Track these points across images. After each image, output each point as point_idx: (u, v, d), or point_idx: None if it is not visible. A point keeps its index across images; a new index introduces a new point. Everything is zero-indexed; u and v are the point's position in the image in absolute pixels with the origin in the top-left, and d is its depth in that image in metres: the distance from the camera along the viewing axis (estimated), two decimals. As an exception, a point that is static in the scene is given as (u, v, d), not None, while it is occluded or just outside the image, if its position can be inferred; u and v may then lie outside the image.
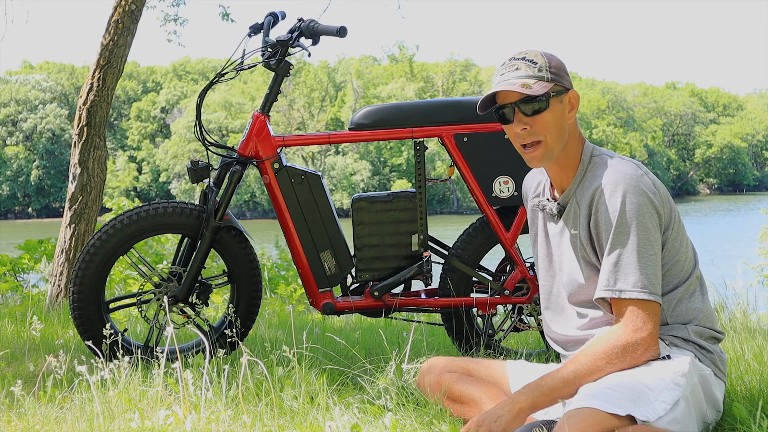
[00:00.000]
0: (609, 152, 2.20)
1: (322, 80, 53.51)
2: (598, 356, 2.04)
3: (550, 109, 2.14)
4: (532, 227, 2.40)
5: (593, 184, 2.13)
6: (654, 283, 2.05)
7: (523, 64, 2.15)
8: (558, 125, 2.15)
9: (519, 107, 2.14)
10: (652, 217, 2.07)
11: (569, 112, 2.17)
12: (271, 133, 3.10)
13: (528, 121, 2.15)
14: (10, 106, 56.41)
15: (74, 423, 2.25)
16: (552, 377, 2.08)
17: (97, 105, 4.88)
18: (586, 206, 2.15)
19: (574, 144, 2.20)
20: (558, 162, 2.21)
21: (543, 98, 2.13)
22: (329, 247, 3.10)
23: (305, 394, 2.38)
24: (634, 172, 2.10)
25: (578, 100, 2.19)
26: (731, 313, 4.75)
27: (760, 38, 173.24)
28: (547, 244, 2.33)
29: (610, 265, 2.08)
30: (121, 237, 2.98)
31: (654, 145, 63.44)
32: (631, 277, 2.05)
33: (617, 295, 2.06)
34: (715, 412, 2.15)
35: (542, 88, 2.12)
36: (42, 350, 3.30)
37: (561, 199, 2.24)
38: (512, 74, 2.15)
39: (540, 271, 2.36)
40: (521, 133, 2.16)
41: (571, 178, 2.21)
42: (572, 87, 2.19)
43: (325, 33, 3.04)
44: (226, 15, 9.68)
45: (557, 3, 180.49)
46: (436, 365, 2.38)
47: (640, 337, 2.03)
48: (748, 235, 16.87)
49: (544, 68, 2.14)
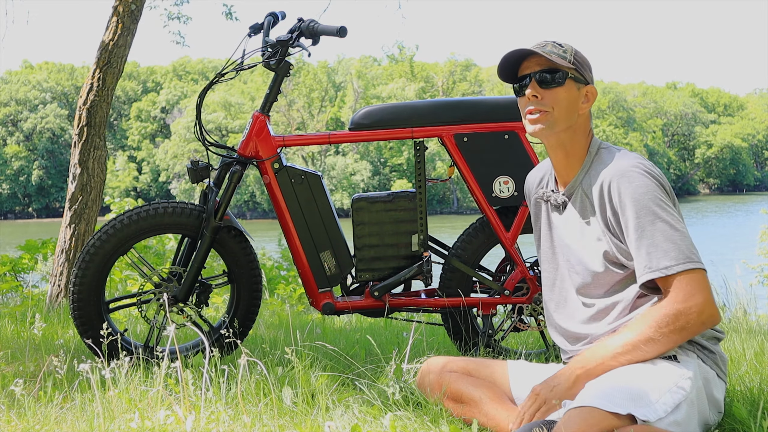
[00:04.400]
0: (615, 146, 2.24)
1: (321, 80, 53.52)
2: (650, 325, 2.03)
3: (565, 88, 2.20)
4: (535, 222, 2.41)
5: (601, 174, 2.15)
6: (694, 252, 2.04)
7: (551, 44, 2.24)
8: (569, 106, 2.20)
9: (536, 77, 2.21)
10: (666, 197, 2.10)
11: (583, 103, 2.23)
12: (271, 133, 3.10)
13: (541, 92, 2.20)
14: (10, 106, 56.44)
15: (74, 423, 2.25)
16: (605, 346, 2.08)
17: (97, 105, 4.88)
18: (597, 196, 2.16)
19: (583, 135, 2.24)
20: (564, 148, 2.23)
21: (560, 74, 2.19)
22: (329, 247, 3.10)
23: (305, 394, 2.38)
24: (640, 160, 2.14)
25: (595, 96, 2.25)
26: (731, 313, 4.76)
27: (760, 38, 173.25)
28: (550, 236, 2.33)
29: (645, 246, 2.06)
30: (121, 237, 2.98)
31: (654, 145, 63.42)
32: (672, 252, 2.03)
33: (664, 273, 2.04)
34: (717, 413, 2.14)
35: (561, 63, 2.19)
36: (42, 350, 3.29)
37: (566, 190, 2.25)
38: (536, 47, 2.23)
39: (543, 263, 2.37)
40: (532, 100, 2.21)
41: (576, 168, 2.24)
42: (593, 83, 2.26)
43: (325, 33, 3.04)
44: (229, 14, 9.64)
45: (558, 3, 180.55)
46: (437, 365, 2.38)
47: (693, 303, 2.01)
48: (749, 235, 16.86)
49: (569, 52, 2.22)
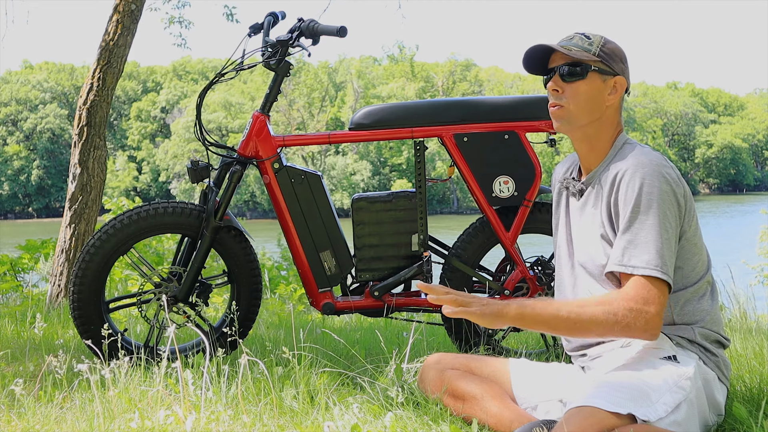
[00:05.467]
0: (642, 144, 2.21)
1: (322, 80, 53.52)
2: (605, 310, 2.00)
3: (587, 81, 2.17)
4: (556, 210, 2.39)
5: (618, 166, 2.14)
6: (668, 264, 2.02)
7: (579, 36, 2.21)
8: (590, 100, 2.17)
9: (559, 69, 2.19)
10: (671, 205, 2.06)
11: (610, 94, 2.19)
12: (271, 133, 3.10)
13: (561, 85, 2.18)
14: (10, 106, 56.45)
15: (74, 423, 2.25)
16: (547, 304, 2.06)
17: (97, 105, 4.88)
18: (608, 185, 2.15)
19: (610, 129, 2.22)
20: (589, 141, 2.22)
21: (582, 67, 2.16)
22: (329, 247, 3.10)
23: (305, 394, 2.38)
24: (660, 160, 2.11)
25: (624, 88, 2.21)
26: (731, 313, 4.76)
27: (760, 38, 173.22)
28: (567, 223, 2.32)
29: (624, 241, 2.06)
30: (121, 237, 2.98)
31: (654, 145, 63.38)
32: (646, 255, 2.02)
33: (629, 271, 2.03)
34: (717, 415, 2.14)
35: (581, 56, 2.15)
36: (42, 350, 3.29)
37: (587, 179, 2.24)
38: (565, 41, 2.22)
39: (559, 248, 2.34)
40: (552, 93, 2.20)
41: (600, 160, 2.22)
42: (624, 75, 2.21)
43: (325, 33, 3.04)
44: (230, 15, 9.63)
45: (558, 3, 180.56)
46: (438, 362, 2.38)
47: (647, 309, 1.99)
48: (749, 235, 16.86)
49: (596, 44, 2.18)
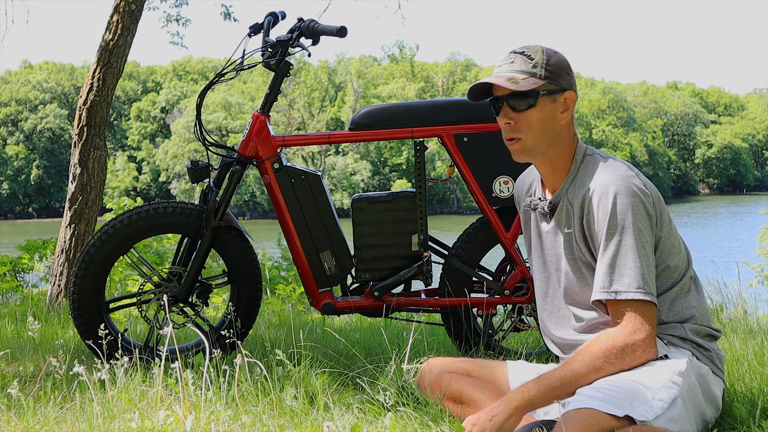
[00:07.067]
0: (602, 152, 2.19)
1: (322, 80, 53.52)
2: (597, 356, 2.04)
3: (538, 108, 2.12)
4: (525, 230, 2.38)
5: (585, 184, 2.12)
6: (649, 284, 2.04)
7: (521, 58, 2.14)
8: (544, 125, 2.13)
9: (507, 101, 2.14)
10: (643, 218, 2.06)
11: (562, 112, 2.15)
12: (271, 133, 3.10)
13: (514, 116, 2.14)
14: (10, 106, 56.44)
15: (74, 423, 2.25)
16: (550, 376, 2.07)
17: (97, 105, 4.88)
18: (578, 206, 2.13)
19: (566, 144, 2.19)
20: (550, 160, 2.20)
21: (531, 96, 2.11)
22: (329, 247, 3.10)
23: (305, 394, 2.38)
24: (625, 173, 2.09)
25: (574, 102, 2.16)
26: (731, 313, 4.75)
27: (760, 38, 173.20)
28: (540, 245, 2.31)
29: (604, 266, 2.07)
30: (121, 237, 2.98)
31: (654, 146, 63.41)
32: (626, 278, 2.04)
33: (613, 297, 2.05)
34: (715, 410, 2.14)
35: (530, 85, 2.10)
36: (42, 350, 3.29)
37: (552, 198, 2.22)
38: (507, 67, 2.15)
39: (535, 272, 2.35)
40: (505, 127, 2.16)
41: (563, 177, 2.20)
42: (571, 87, 2.16)
43: (325, 33, 3.04)
44: (228, 14, 9.63)
45: (558, 3, 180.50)
46: (436, 365, 2.38)
47: (639, 338, 2.03)
48: (749, 235, 16.87)
49: (539, 65, 2.12)
